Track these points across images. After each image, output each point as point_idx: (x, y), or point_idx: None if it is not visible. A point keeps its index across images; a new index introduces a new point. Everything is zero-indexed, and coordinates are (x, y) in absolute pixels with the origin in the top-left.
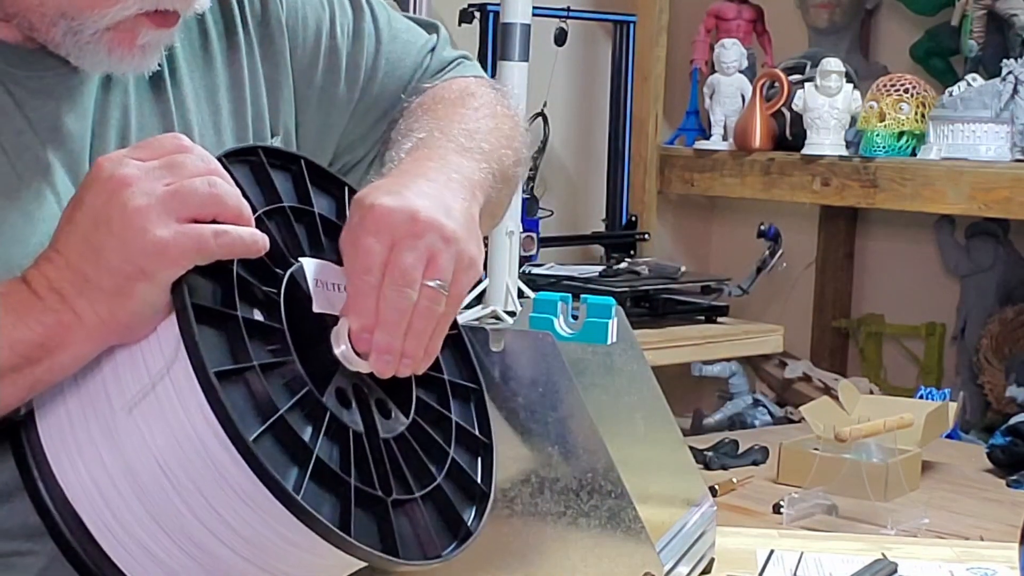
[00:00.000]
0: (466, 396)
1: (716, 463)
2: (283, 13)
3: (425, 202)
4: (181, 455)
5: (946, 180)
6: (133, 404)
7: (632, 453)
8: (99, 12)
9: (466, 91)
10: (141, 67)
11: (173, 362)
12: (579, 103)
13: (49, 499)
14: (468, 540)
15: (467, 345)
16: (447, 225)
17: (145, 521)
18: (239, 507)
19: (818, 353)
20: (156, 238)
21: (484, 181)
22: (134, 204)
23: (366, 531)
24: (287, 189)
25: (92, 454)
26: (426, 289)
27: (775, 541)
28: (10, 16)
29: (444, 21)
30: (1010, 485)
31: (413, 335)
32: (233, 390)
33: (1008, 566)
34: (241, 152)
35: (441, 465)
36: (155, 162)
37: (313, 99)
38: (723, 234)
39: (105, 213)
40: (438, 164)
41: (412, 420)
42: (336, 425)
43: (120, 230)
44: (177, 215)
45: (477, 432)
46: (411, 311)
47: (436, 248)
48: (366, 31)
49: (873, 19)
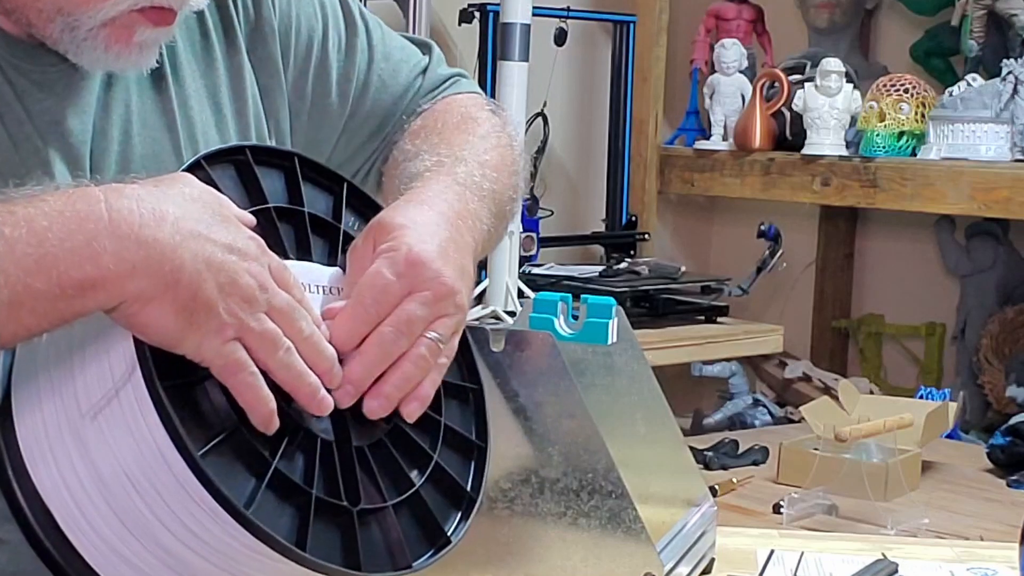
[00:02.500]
0: (464, 397)
1: (716, 463)
2: (275, 19)
3: (451, 269)
4: (143, 462)
5: (946, 180)
6: (98, 410)
7: (632, 453)
8: (94, 7)
9: (468, 115)
10: (139, 64)
11: (133, 370)
12: (579, 103)
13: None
14: (445, 549)
15: (469, 345)
16: (461, 294)
17: (113, 523)
18: (199, 515)
19: (818, 353)
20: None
21: (488, 229)
22: (243, 280)
23: (327, 543)
24: (278, 187)
25: (64, 455)
26: (425, 339)
27: (775, 541)
28: (9, 11)
29: (444, 21)
30: (1010, 485)
31: (401, 377)
32: (192, 399)
33: (1008, 566)
34: (228, 152)
35: (423, 470)
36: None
37: (304, 110)
38: (723, 234)
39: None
40: (458, 211)
41: (392, 426)
42: (302, 434)
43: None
44: (238, 331)
45: (472, 434)
46: (398, 356)
47: (447, 313)
48: (359, 47)
49: (873, 19)
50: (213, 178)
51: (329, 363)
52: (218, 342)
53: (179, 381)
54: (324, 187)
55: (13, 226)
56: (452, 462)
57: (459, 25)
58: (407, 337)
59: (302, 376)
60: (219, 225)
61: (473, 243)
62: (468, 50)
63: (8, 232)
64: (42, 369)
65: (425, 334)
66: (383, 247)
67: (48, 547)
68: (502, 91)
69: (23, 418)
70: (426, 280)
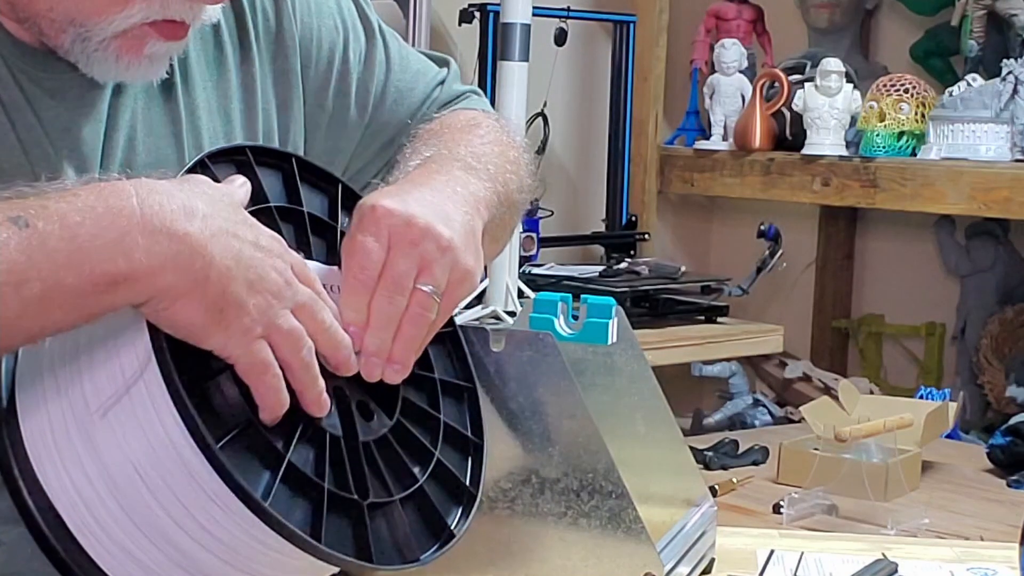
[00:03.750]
0: (459, 395)
1: (716, 463)
2: (297, 32)
3: (424, 209)
4: (154, 458)
5: (946, 180)
6: (108, 407)
7: (632, 453)
8: (106, 19)
9: (472, 121)
10: (148, 76)
11: (146, 366)
12: (579, 103)
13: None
14: (450, 543)
15: (463, 343)
16: (444, 234)
17: (123, 522)
18: (212, 510)
19: (818, 353)
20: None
21: (488, 200)
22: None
23: (339, 535)
24: (276, 188)
25: (72, 455)
26: (418, 294)
27: (775, 541)
28: (22, 20)
29: (444, 21)
30: (1010, 485)
31: (402, 340)
32: (205, 394)
33: (1008, 566)
34: (229, 151)
35: (425, 466)
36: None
37: (323, 122)
38: (723, 234)
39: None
40: (445, 177)
41: (396, 421)
42: (312, 429)
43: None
44: (265, 329)
45: (469, 432)
46: (400, 316)
47: (431, 256)
48: (378, 58)
49: (873, 19)
50: (217, 176)
51: (347, 351)
52: (246, 340)
53: (192, 376)
54: (320, 188)
55: (46, 220)
56: (452, 459)
57: (459, 25)
58: (401, 295)
59: (316, 379)
60: (242, 223)
61: (466, 195)
62: (468, 50)
63: (41, 226)
64: (47, 370)
65: (418, 286)
66: (355, 222)
67: (57, 548)
68: (502, 91)
69: (28, 420)
70: (396, 228)
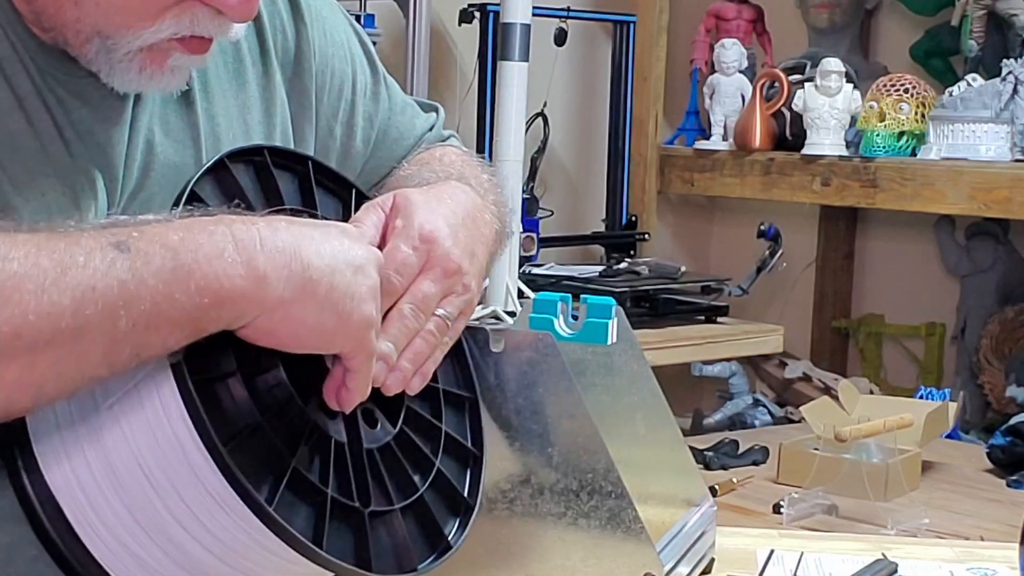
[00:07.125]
0: (460, 405)
1: (716, 463)
2: (314, 60)
3: (459, 250)
4: (160, 454)
5: (946, 180)
6: (115, 401)
7: (632, 453)
8: (134, 33)
9: (465, 158)
10: (169, 87)
11: (156, 364)
12: (579, 103)
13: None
14: (447, 553)
15: (465, 353)
16: (468, 275)
17: (124, 518)
18: (215, 510)
19: (818, 353)
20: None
21: (496, 234)
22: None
23: (341, 542)
24: (291, 190)
25: (76, 448)
26: (435, 317)
27: (775, 541)
28: (47, 29)
29: (444, 21)
30: (1010, 485)
31: (412, 352)
32: (214, 395)
33: (1008, 566)
34: (247, 152)
35: (426, 476)
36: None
37: (333, 151)
38: (723, 234)
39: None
40: (469, 206)
41: (399, 430)
42: (318, 434)
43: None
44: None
45: (468, 442)
46: (416, 332)
47: (455, 291)
48: (382, 95)
49: (873, 19)
50: (235, 175)
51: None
52: (371, 335)
53: (202, 377)
54: (334, 192)
55: (148, 241)
56: (452, 469)
57: (459, 25)
58: (424, 314)
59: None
60: (311, 226)
61: (484, 237)
62: (468, 50)
63: (143, 247)
64: None
65: (435, 311)
66: (397, 224)
67: (56, 541)
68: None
69: (35, 414)
70: (437, 257)
